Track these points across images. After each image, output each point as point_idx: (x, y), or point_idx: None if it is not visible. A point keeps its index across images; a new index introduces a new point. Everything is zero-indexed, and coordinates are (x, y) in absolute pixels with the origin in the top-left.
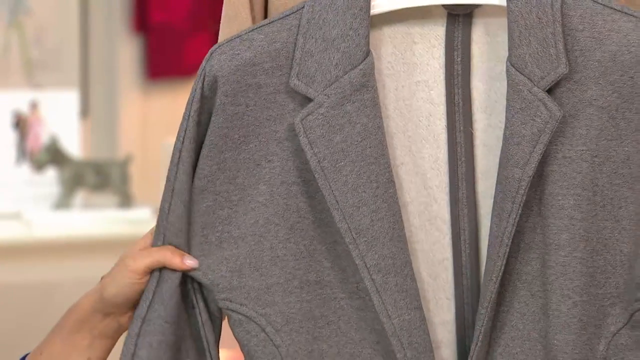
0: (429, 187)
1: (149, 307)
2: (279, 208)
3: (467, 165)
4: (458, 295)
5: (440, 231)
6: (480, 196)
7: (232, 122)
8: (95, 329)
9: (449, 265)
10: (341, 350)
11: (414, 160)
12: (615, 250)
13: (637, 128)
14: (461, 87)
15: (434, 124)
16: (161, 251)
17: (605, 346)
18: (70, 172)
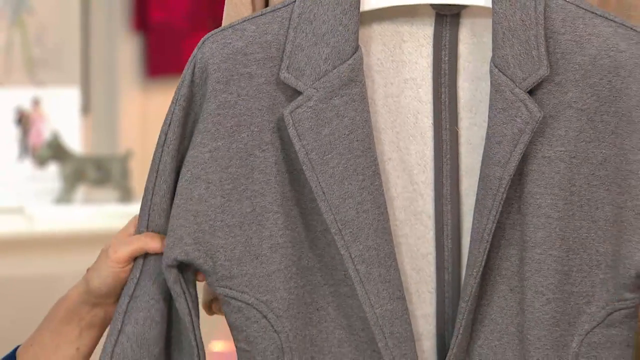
0: (414, 183)
1: (137, 285)
2: (277, 196)
3: (452, 162)
4: (439, 289)
5: (424, 226)
6: (464, 193)
7: (225, 109)
8: (83, 319)
9: (432, 260)
10: (329, 336)
11: (401, 156)
12: (592, 250)
13: (614, 131)
14: (448, 86)
15: (421, 122)
16: (141, 238)
17: (578, 343)
18: (72, 168)
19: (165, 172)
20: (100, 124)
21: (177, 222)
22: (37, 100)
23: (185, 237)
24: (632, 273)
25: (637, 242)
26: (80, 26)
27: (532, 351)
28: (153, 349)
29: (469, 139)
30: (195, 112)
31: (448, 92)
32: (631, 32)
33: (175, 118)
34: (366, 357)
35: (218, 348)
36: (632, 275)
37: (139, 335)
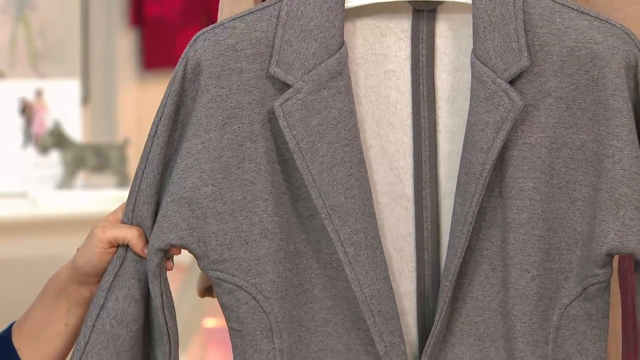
0: (395, 169)
1: (121, 264)
2: (267, 184)
3: (430, 149)
4: (419, 268)
5: (404, 209)
6: (442, 177)
7: (216, 103)
8: (71, 297)
9: (412, 241)
10: (315, 316)
11: (382, 144)
12: (570, 229)
13: (591, 117)
14: (426, 77)
15: (400, 111)
16: (130, 229)
17: (558, 316)
18: (72, 155)
19: (154, 162)
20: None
21: (172, 208)
22: (40, 91)
23: (180, 223)
24: (603, 250)
25: (610, 221)
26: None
27: (517, 325)
28: (132, 325)
29: (446, 126)
30: (187, 106)
31: (426, 82)
32: (606, 25)
33: (166, 112)
34: (352, 336)
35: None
36: (603, 252)
37: (119, 312)
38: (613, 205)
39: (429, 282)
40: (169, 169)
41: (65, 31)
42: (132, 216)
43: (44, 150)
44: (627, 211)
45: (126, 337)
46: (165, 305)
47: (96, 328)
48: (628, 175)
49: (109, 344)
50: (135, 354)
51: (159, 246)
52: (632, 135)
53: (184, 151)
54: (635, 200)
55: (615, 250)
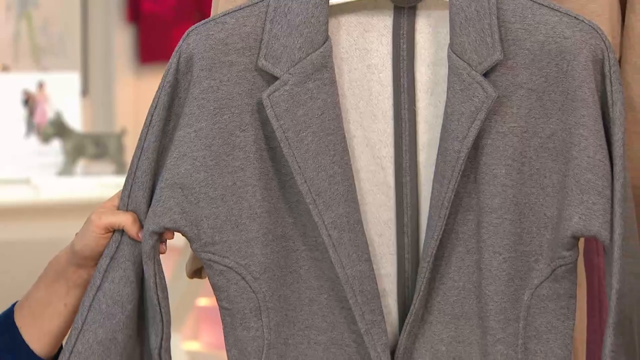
0: (377, 157)
1: (117, 248)
2: (255, 171)
3: (411, 138)
4: (399, 251)
5: (386, 195)
6: (422, 165)
7: (208, 93)
8: (70, 279)
9: (393, 225)
10: (301, 296)
11: (365, 134)
12: (540, 214)
13: (560, 108)
14: (406, 71)
15: (382, 102)
16: (125, 215)
17: (529, 296)
18: (73, 144)
19: (149, 150)
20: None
21: (166, 193)
22: (42, 83)
23: (173, 207)
24: (569, 233)
25: (575, 206)
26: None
27: (489, 304)
28: (126, 305)
29: (425, 117)
30: (180, 97)
31: (406, 76)
32: (575, 20)
33: (160, 102)
34: (335, 314)
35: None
36: (568, 235)
37: (114, 292)
38: (578, 190)
39: (409, 265)
40: (164, 157)
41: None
42: (127, 202)
43: (45, 140)
44: (591, 196)
45: (121, 317)
46: (158, 286)
47: (93, 308)
48: (592, 162)
49: (105, 322)
50: (130, 333)
51: (153, 229)
52: (598, 124)
53: (178, 139)
54: (599, 186)
55: (579, 232)
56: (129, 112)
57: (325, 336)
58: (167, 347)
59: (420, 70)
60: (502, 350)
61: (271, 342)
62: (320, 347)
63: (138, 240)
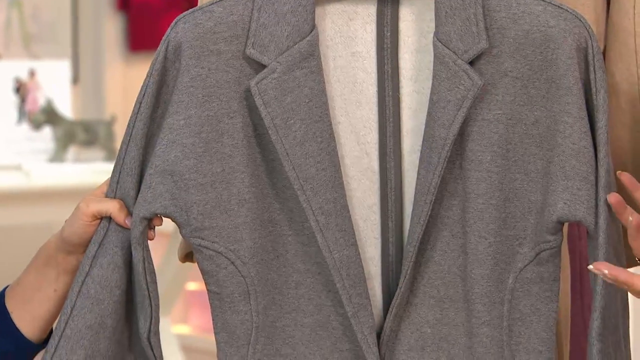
0: (361, 144)
1: (105, 234)
2: (243, 158)
3: (395, 125)
4: (384, 235)
5: (370, 181)
6: (405, 151)
7: (196, 82)
8: (60, 265)
9: (377, 210)
10: (288, 279)
11: (349, 120)
12: (524, 199)
13: (545, 95)
14: (390, 58)
15: (366, 90)
16: (111, 202)
17: (513, 280)
18: (63, 131)
19: (137, 137)
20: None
21: (155, 179)
22: (33, 71)
23: (164, 193)
24: (554, 218)
25: (560, 192)
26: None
27: (475, 288)
28: (115, 290)
29: (409, 104)
30: (169, 85)
31: (390, 63)
32: (559, 10)
33: (148, 90)
34: (322, 297)
35: (193, 288)
36: (554, 220)
37: (103, 278)
38: (563, 176)
39: (393, 249)
40: (152, 144)
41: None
42: (116, 187)
43: (37, 126)
44: (575, 182)
45: (109, 301)
46: (147, 271)
47: (82, 293)
48: (577, 149)
49: (94, 307)
50: (119, 317)
51: (143, 215)
52: (582, 112)
53: (167, 127)
54: (583, 172)
55: (564, 218)
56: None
57: (311, 319)
58: (156, 330)
59: (404, 57)
60: (487, 332)
61: (259, 325)
62: (307, 329)
63: (125, 227)
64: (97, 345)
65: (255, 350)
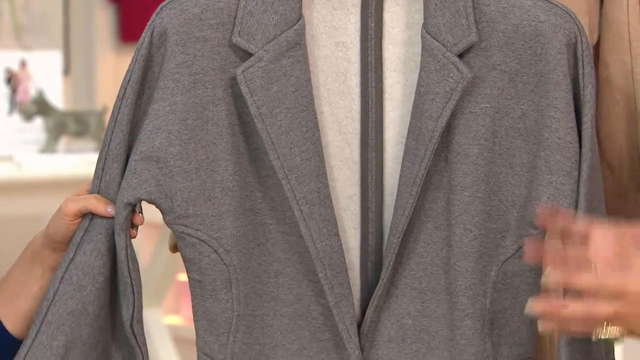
0: (343, 134)
1: (90, 221)
2: (227, 146)
3: (377, 115)
4: (364, 226)
5: (351, 171)
6: (387, 142)
7: (182, 68)
8: (45, 262)
9: (357, 200)
10: (268, 268)
11: (332, 110)
12: (509, 192)
13: (532, 90)
14: (374, 49)
15: (349, 80)
16: (88, 199)
17: (495, 272)
18: (55, 121)
19: (122, 122)
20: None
21: (140, 166)
22: (24, 62)
23: (149, 180)
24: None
25: (544, 186)
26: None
27: (459, 280)
28: (98, 277)
29: (392, 95)
30: (154, 71)
31: (374, 54)
32: (549, 5)
33: (134, 76)
34: (302, 287)
35: (184, 278)
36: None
37: (85, 264)
38: (547, 171)
39: (372, 239)
40: (137, 130)
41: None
42: (101, 174)
43: (28, 117)
44: (559, 177)
45: (92, 288)
46: (129, 258)
47: (64, 279)
48: (563, 144)
49: (76, 294)
50: (101, 304)
51: (128, 201)
52: (569, 107)
53: (152, 113)
54: (568, 167)
55: None
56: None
57: (290, 308)
58: (139, 318)
59: (388, 48)
60: (470, 324)
61: (240, 313)
62: (286, 318)
63: (108, 216)
64: (79, 332)
65: (236, 338)
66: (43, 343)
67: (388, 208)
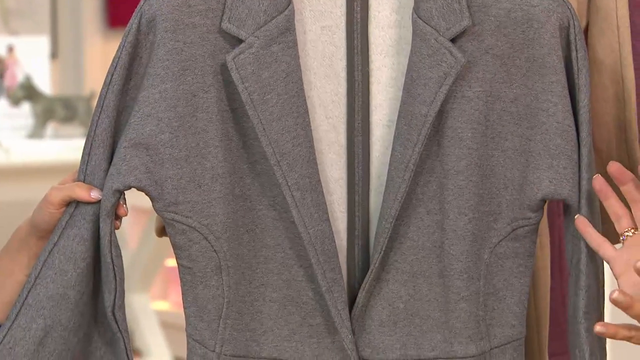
0: (329, 117)
1: (76, 207)
2: (217, 132)
3: (363, 99)
4: (350, 210)
5: (337, 155)
6: (373, 126)
7: (172, 55)
8: (31, 250)
9: (344, 184)
10: (257, 254)
11: (318, 94)
12: (500, 175)
13: (525, 74)
14: (360, 33)
15: (335, 64)
16: (71, 187)
17: (488, 255)
18: (42, 107)
19: (109, 108)
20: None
21: (130, 152)
22: (12, 47)
23: (139, 167)
24: (538, 196)
25: (545, 170)
26: None
27: (454, 264)
28: (80, 263)
29: (379, 78)
30: (142, 57)
31: (360, 38)
32: None
33: (121, 62)
34: (292, 272)
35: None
36: (537, 198)
37: (68, 249)
38: (547, 155)
39: (359, 223)
40: (124, 116)
41: None
42: (87, 159)
43: (15, 103)
44: (561, 161)
45: (73, 273)
46: (113, 244)
47: (47, 263)
48: (561, 128)
49: (57, 278)
50: (83, 290)
51: (117, 187)
52: (565, 91)
53: (142, 100)
54: (568, 151)
55: (549, 196)
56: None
57: (280, 293)
58: (120, 305)
59: (374, 32)
60: (465, 307)
61: (230, 300)
62: (276, 304)
63: (92, 200)
64: (58, 316)
65: (226, 325)
66: (22, 326)
67: (374, 192)
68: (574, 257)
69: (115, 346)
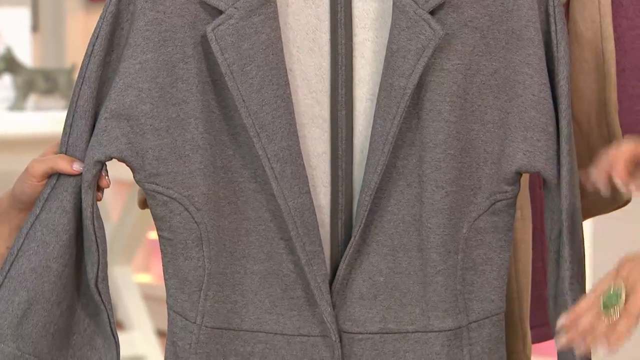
0: (313, 91)
1: (58, 178)
2: (198, 104)
3: (347, 73)
4: (333, 184)
5: (321, 129)
6: (357, 100)
7: (152, 25)
8: (12, 221)
9: (327, 158)
10: (238, 226)
11: (301, 68)
12: (480, 149)
13: (504, 46)
14: (344, 6)
15: (319, 37)
16: (53, 159)
17: (467, 229)
18: (24, 79)
19: (90, 79)
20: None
21: (111, 123)
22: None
23: (120, 137)
24: (512, 169)
25: (519, 142)
26: None
27: (431, 237)
28: (62, 235)
29: (362, 52)
30: (123, 28)
31: (344, 11)
32: None
33: (102, 32)
34: (273, 245)
35: (154, 236)
36: (512, 170)
37: (50, 221)
38: (522, 127)
39: (342, 197)
40: (106, 87)
41: None
42: (69, 131)
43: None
44: (535, 133)
45: (55, 245)
46: (95, 215)
47: (29, 235)
48: (537, 100)
49: (39, 250)
50: (65, 262)
51: (98, 158)
52: (542, 64)
53: (123, 70)
54: (542, 123)
55: (523, 168)
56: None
57: (261, 266)
58: (103, 277)
59: (357, 5)
60: (442, 281)
61: (211, 272)
62: (257, 276)
63: (74, 173)
64: (41, 288)
65: (207, 296)
66: (5, 298)
67: (358, 166)
68: (554, 230)
69: (98, 318)
